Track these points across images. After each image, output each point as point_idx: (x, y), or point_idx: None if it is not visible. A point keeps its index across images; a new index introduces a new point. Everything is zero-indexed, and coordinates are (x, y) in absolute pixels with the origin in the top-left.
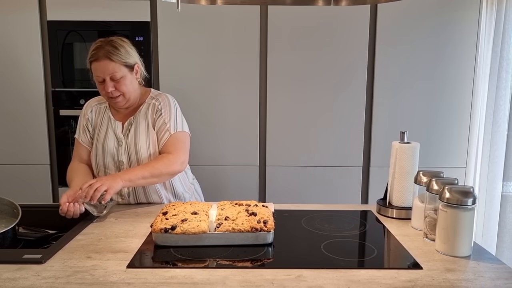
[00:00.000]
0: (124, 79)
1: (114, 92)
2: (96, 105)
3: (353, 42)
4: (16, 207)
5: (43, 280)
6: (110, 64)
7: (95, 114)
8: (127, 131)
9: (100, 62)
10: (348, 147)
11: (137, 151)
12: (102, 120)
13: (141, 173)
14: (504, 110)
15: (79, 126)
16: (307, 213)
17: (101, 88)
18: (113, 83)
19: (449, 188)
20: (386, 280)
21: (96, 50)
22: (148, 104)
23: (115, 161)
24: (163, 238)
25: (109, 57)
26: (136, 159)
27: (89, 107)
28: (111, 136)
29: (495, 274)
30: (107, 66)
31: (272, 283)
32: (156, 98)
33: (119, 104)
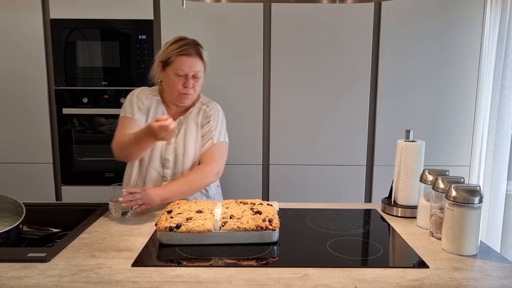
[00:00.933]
0: (200, 80)
1: (190, 90)
2: (149, 94)
3: (357, 41)
4: (20, 206)
5: (48, 279)
6: (199, 62)
7: (149, 103)
8: (176, 130)
9: (191, 57)
10: (352, 146)
11: (185, 152)
12: (156, 112)
13: (181, 190)
14: (509, 108)
15: (131, 106)
16: (312, 211)
17: (178, 82)
18: (193, 81)
19: (455, 186)
20: (393, 279)
21: (187, 45)
22: (198, 108)
23: (162, 158)
24: (168, 236)
25: (201, 55)
26: (182, 160)
27: (144, 94)
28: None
29: (502, 273)
30: (196, 64)
31: (278, 282)
32: (206, 104)
33: (186, 101)
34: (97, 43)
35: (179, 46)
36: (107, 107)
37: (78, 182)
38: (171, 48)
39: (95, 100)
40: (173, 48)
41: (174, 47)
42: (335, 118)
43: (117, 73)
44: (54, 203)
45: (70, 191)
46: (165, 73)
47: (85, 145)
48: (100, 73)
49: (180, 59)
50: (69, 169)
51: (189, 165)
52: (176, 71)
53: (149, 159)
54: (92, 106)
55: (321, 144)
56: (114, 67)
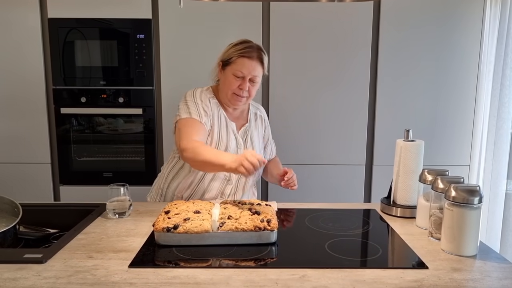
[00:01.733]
0: (257, 85)
1: (245, 92)
2: (210, 97)
3: (356, 40)
4: (16, 206)
5: (44, 280)
6: (259, 67)
7: (212, 106)
8: (244, 137)
9: (252, 60)
10: (351, 145)
11: None
12: (219, 116)
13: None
14: (508, 107)
15: (198, 109)
16: (311, 212)
17: (235, 83)
18: (249, 84)
19: (455, 186)
20: (392, 280)
21: (251, 48)
22: (254, 114)
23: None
24: (165, 237)
25: (262, 60)
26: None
27: (206, 97)
28: (232, 137)
29: (502, 273)
30: (256, 68)
31: (276, 283)
32: (257, 108)
33: (240, 103)
34: (95, 42)
35: (242, 47)
36: (105, 106)
37: (77, 182)
38: (234, 48)
39: (93, 100)
40: (236, 49)
41: (237, 48)
42: (334, 117)
43: (115, 72)
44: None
45: (68, 191)
46: (223, 73)
47: (83, 145)
48: (99, 72)
49: (241, 60)
50: (67, 169)
51: (252, 178)
52: (235, 72)
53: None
54: (90, 105)
55: (320, 143)
56: (113, 67)
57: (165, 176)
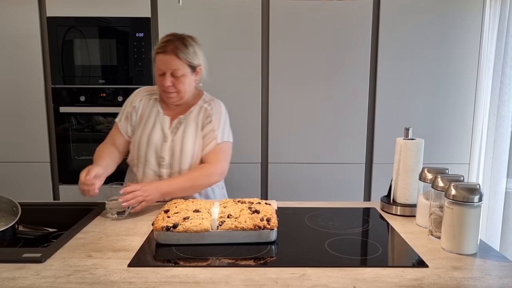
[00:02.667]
0: (183, 78)
1: (170, 88)
2: (146, 95)
3: (356, 37)
4: (15, 205)
5: (43, 280)
6: (175, 60)
7: (143, 104)
8: (175, 129)
9: (166, 55)
10: (350, 144)
11: (182, 151)
12: (150, 112)
13: (183, 185)
14: (508, 106)
15: (122, 111)
16: (310, 210)
17: (159, 80)
18: (172, 79)
19: (455, 185)
20: (392, 278)
21: (166, 43)
22: (200, 106)
23: (157, 156)
24: (164, 236)
25: (177, 53)
26: (179, 159)
27: (138, 96)
28: (158, 130)
29: (502, 272)
30: (172, 62)
31: (276, 282)
32: (208, 102)
33: (171, 100)
34: (94, 41)
35: (159, 43)
36: (104, 105)
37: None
38: (155, 46)
39: (92, 99)
40: (156, 45)
41: (157, 44)
42: (334, 116)
43: (114, 71)
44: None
45: (67, 190)
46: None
47: (82, 144)
48: (98, 71)
49: (157, 57)
50: (66, 168)
51: (187, 165)
52: (156, 70)
53: (144, 159)
54: (89, 104)
55: (320, 142)
56: (112, 65)
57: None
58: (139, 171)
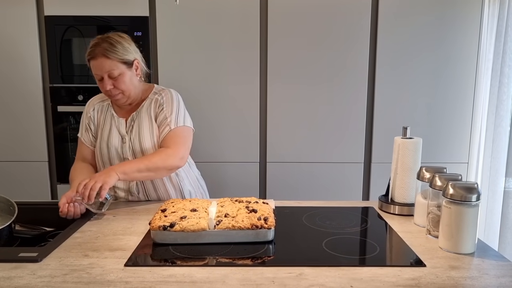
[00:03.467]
0: (122, 76)
1: (113, 90)
2: (98, 103)
3: (354, 36)
4: (12, 204)
5: (39, 279)
6: (106, 61)
7: (97, 112)
8: (130, 127)
9: (97, 60)
10: (349, 143)
11: (141, 147)
12: (105, 118)
13: (136, 166)
14: (507, 105)
15: (81, 125)
16: (308, 209)
17: (101, 85)
18: (111, 81)
19: (452, 184)
20: (389, 278)
21: (93, 47)
22: (150, 99)
23: (120, 158)
24: (161, 235)
25: (106, 54)
26: (140, 152)
27: (91, 105)
28: (115, 133)
29: (500, 271)
30: (104, 64)
31: (273, 282)
32: (159, 93)
33: (120, 101)
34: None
35: (88, 50)
36: None
37: None
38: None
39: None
40: (86, 53)
41: (86, 52)
42: (332, 115)
43: None
44: (47, 201)
45: (65, 190)
46: None
47: None
48: None
49: (91, 64)
50: (64, 167)
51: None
52: (94, 76)
53: (109, 162)
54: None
55: (318, 141)
56: None
57: None
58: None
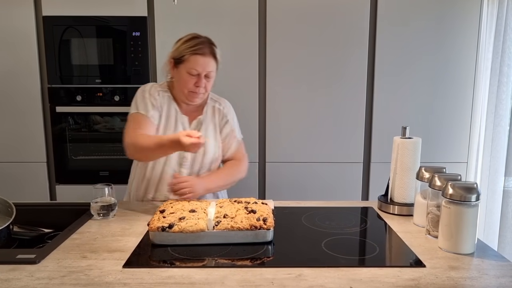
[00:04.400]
0: (212, 79)
1: (201, 89)
2: (161, 91)
3: (354, 37)
4: (10, 206)
5: (37, 281)
6: (212, 62)
7: (161, 99)
8: (196, 129)
9: (205, 57)
10: (348, 143)
11: (205, 152)
12: (169, 110)
13: (222, 182)
14: (506, 105)
15: (145, 103)
16: (307, 210)
17: (190, 81)
18: (205, 81)
19: (452, 184)
20: (389, 278)
21: (202, 44)
22: (212, 107)
23: (180, 156)
24: (160, 236)
25: (215, 55)
26: (201, 160)
27: (155, 90)
28: (180, 128)
29: (499, 271)
30: (210, 63)
31: (272, 283)
32: (218, 102)
33: (197, 100)
34: (91, 40)
35: (193, 44)
36: (101, 105)
37: (73, 181)
38: (185, 46)
39: (89, 98)
40: (187, 46)
41: (188, 45)
42: (331, 115)
43: (111, 70)
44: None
45: (64, 190)
46: (177, 71)
47: (79, 144)
48: (95, 70)
49: (194, 58)
50: (63, 168)
51: (207, 165)
52: (189, 70)
53: (165, 158)
54: (86, 104)
55: (318, 141)
56: (109, 65)
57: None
58: (157, 169)
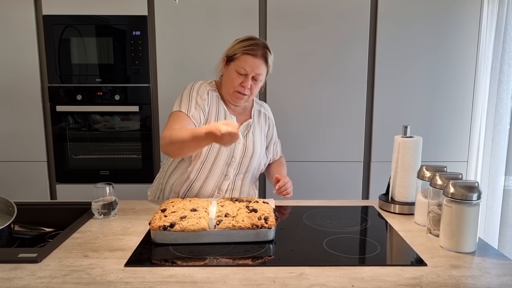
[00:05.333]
0: (260, 83)
1: (247, 90)
2: (211, 90)
3: (354, 36)
4: (11, 205)
5: (39, 280)
6: (263, 65)
7: (210, 100)
8: (245, 132)
9: (256, 58)
10: (348, 142)
11: (253, 153)
12: (218, 109)
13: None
14: (506, 104)
15: (189, 101)
16: (308, 209)
17: (237, 80)
18: (252, 82)
19: (453, 183)
20: (391, 277)
21: (256, 46)
22: (258, 111)
23: (229, 155)
24: (161, 235)
25: (267, 59)
26: (249, 160)
27: (205, 89)
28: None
29: (501, 270)
30: (260, 66)
31: (274, 281)
32: (262, 106)
33: (241, 101)
34: (91, 39)
35: (247, 44)
36: (101, 104)
37: (73, 180)
38: (240, 45)
39: (89, 97)
40: (242, 45)
41: (243, 44)
42: (332, 114)
43: (111, 70)
44: (46, 202)
45: (64, 190)
46: (227, 68)
47: (79, 143)
48: (95, 70)
49: (245, 57)
50: (63, 167)
51: (254, 166)
52: (238, 68)
53: (215, 156)
54: (86, 103)
55: (318, 140)
56: (109, 64)
57: (165, 170)
58: (206, 167)
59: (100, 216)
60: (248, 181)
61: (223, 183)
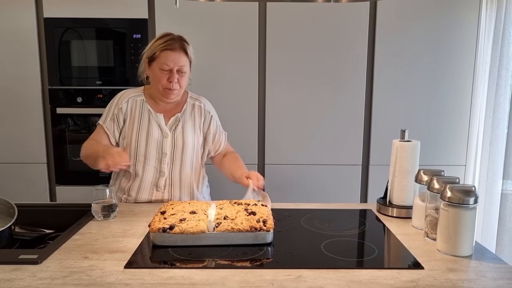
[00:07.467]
0: (186, 75)
1: (175, 85)
2: (132, 97)
3: (352, 39)
4: (12, 207)
5: (39, 281)
6: (183, 57)
7: (131, 106)
8: (173, 126)
9: (175, 52)
10: (347, 145)
11: (184, 145)
12: (141, 113)
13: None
14: (504, 108)
15: (107, 113)
16: (307, 212)
17: (163, 77)
18: (177, 76)
19: (450, 187)
20: (388, 280)
21: (172, 40)
22: (191, 104)
23: (158, 152)
24: (161, 238)
25: (186, 50)
26: (181, 153)
27: (124, 98)
28: (155, 127)
29: (497, 274)
30: (181, 58)
31: (272, 284)
32: (198, 100)
33: (172, 96)
34: (91, 42)
35: (164, 41)
36: (101, 106)
37: (73, 182)
38: (157, 43)
39: (89, 100)
40: (159, 43)
41: (159, 42)
42: (330, 117)
43: (111, 72)
44: (47, 203)
45: (64, 191)
46: (151, 69)
47: (79, 145)
48: (95, 72)
49: (164, 53)
50: (63, 169)
51: (189, 159)
52: (161, 66)
53: (144, 156)
54: (86, 105)
55: (317, 143)
56: (109, 67)
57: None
58: (139, 168)
59: (100, 218)
60: (188, 175)
61: (159, 180)
